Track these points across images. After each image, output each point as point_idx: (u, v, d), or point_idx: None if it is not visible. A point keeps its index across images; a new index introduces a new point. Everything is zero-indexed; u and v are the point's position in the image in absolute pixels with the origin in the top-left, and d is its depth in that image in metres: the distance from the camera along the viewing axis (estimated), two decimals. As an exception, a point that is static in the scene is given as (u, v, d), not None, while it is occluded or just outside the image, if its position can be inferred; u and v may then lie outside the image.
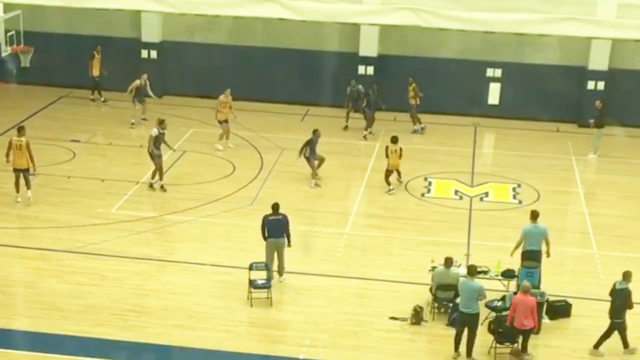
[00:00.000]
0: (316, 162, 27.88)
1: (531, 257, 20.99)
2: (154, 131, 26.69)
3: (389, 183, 27.45)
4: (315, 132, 27.91)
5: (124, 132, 31.39)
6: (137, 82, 31.99)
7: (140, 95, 32.12)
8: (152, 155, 26.65)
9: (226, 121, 30.35)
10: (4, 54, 31.44)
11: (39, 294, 20.76)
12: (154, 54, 35.65)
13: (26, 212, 25.07)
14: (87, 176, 27.59)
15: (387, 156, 27.46)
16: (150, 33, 35.52)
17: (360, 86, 32.80)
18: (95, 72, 34.37)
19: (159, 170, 26.77)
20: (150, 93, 32.33)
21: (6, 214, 24.97)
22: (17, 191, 25.39)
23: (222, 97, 30.33)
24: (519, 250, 21.28)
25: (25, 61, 32.10)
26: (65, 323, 19.53)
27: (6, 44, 30.93)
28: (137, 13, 34.47)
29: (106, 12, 32.74)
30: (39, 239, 23.45)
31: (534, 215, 21.54)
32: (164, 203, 26.35)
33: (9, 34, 30.86)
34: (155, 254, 22.93)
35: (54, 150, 29.36)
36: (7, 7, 29.96)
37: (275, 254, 21.43)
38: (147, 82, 32.09)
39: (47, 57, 34.02)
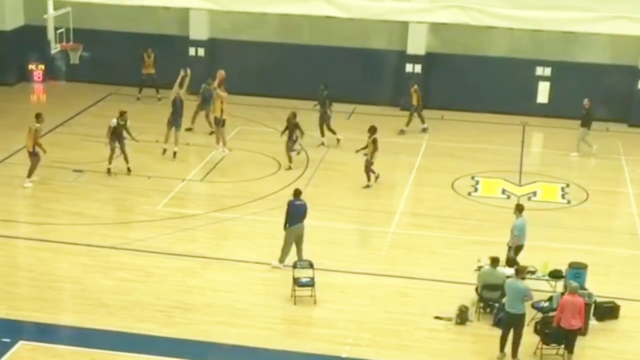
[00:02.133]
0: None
1: (520, 252, 21.21)
2: (113, 122, 27.17)
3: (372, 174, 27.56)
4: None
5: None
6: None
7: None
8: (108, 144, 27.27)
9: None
10: (53, 51, 31.61)
11: (85, 290, 20.87)
12: (201, 51, 35.76)
13: (73, 208, 25.24)
14: (133, 173, 27.70)
15: (377, 148, 27.15)
16: (198, 31, 35.64)
17: (211, 87, 30.83)
18: (150, 70, 34.56)
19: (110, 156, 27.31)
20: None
21: (53, 210, 25.18)
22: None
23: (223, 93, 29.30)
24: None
25: (74, 58, 32.20)
26: (110, 319, 19.62)
27: (56, 41, 31.10)
28: (185, 11, 34.66)
29: (154, 10, 32.98)
30: (85, 235, 23.58)
31: (521, 209, 21.64)
32: (209, 200, 26.42)
33: (58, 31, 30.99)
34: (199, 251, 22.96)
35: (101, 147, 29.45)
36: (57, 5, 30.20)
37: (294, 243, 21.70)
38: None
39: (96, 54, 34.26)
